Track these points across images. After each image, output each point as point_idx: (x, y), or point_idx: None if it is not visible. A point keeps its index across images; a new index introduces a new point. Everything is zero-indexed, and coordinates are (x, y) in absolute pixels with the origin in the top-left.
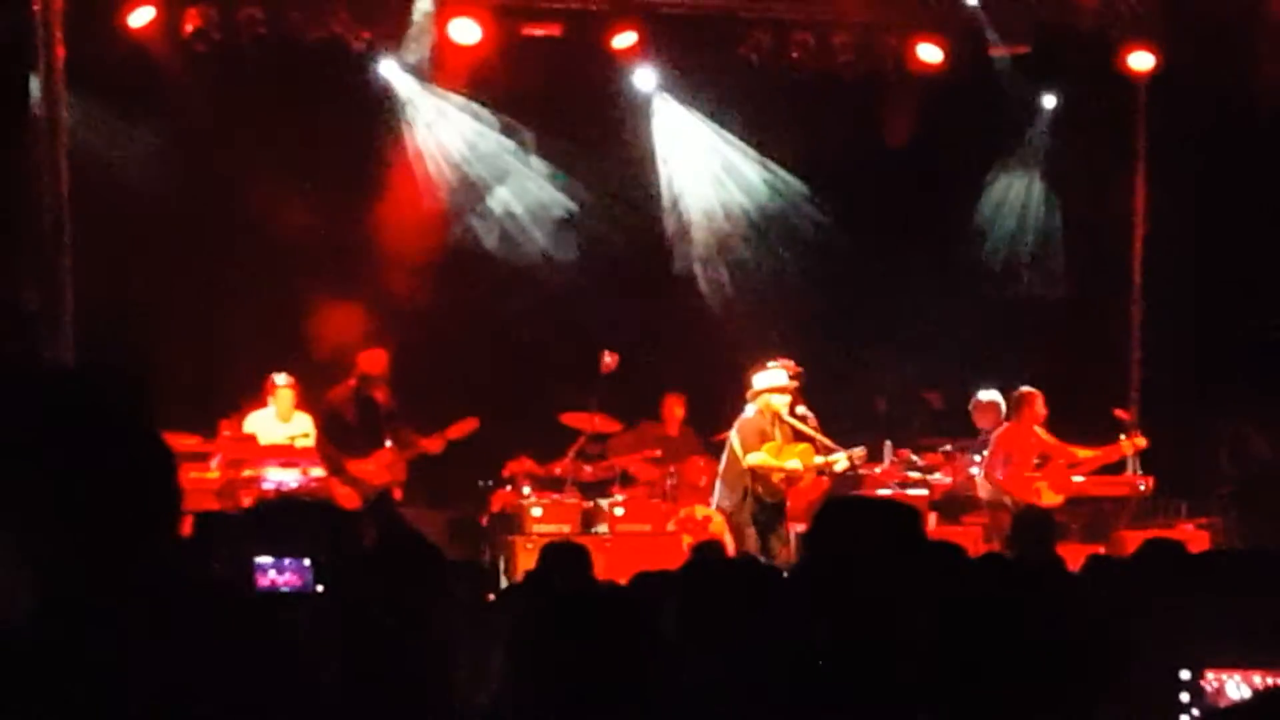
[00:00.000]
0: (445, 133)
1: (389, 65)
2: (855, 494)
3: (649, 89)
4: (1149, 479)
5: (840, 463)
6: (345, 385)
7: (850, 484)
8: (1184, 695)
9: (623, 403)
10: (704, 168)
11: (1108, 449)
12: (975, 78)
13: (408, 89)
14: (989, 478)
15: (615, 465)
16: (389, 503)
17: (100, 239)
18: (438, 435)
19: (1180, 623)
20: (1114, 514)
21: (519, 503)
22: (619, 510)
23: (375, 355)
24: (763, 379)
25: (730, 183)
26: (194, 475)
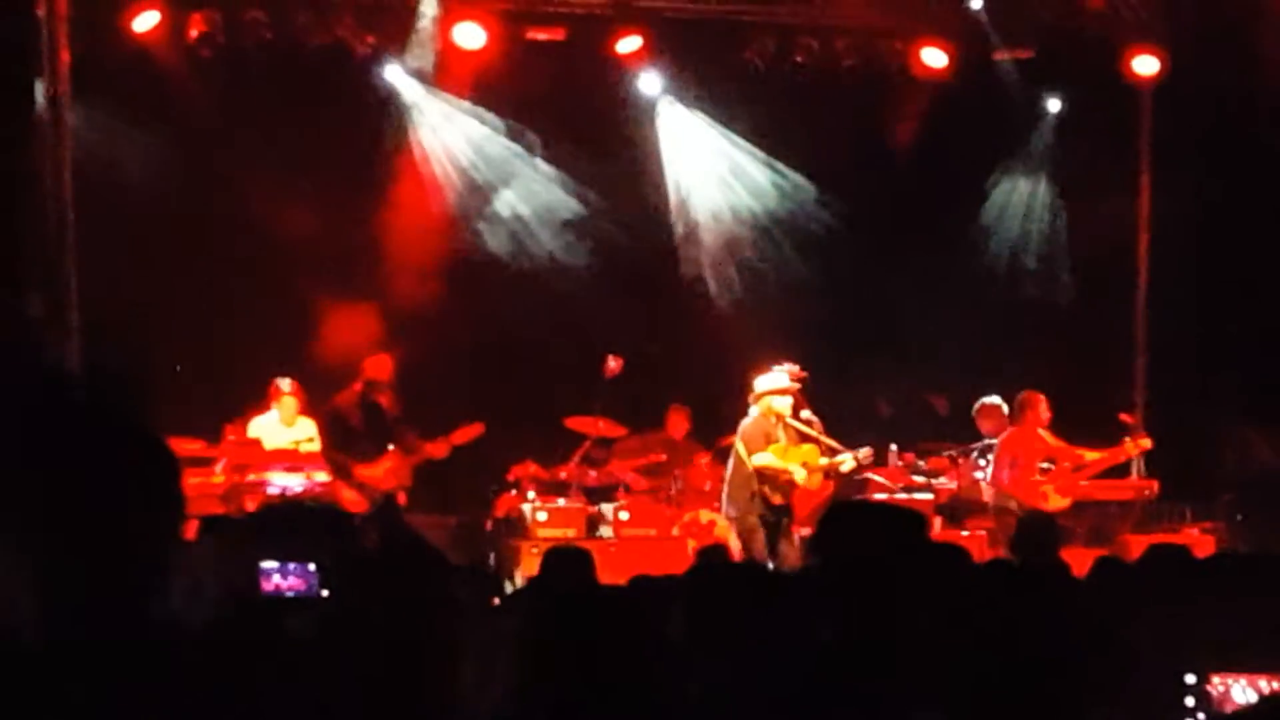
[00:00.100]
0: (450, 137)
1: (393, 70)
2: (860, 499)
3: (654, 93)
4: (1153, 483)
5: (846, 463)
6: (351, 390)
7: (855, 488)
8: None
9: (627, 407)
10: (710, 171)
11: (1113, 450)
12: (979, 82)
13: (412, 93)
14: (995, 482)
15: (620, 470)
16: (393, 507)
17: (105, 243)
18: (443, 440)
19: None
20: (1119, 518)
21: (523, 507)
22: (624, 515)
23: (381, 361)
24: (764, 381)
25: (735, 187)
26: (198, 480)
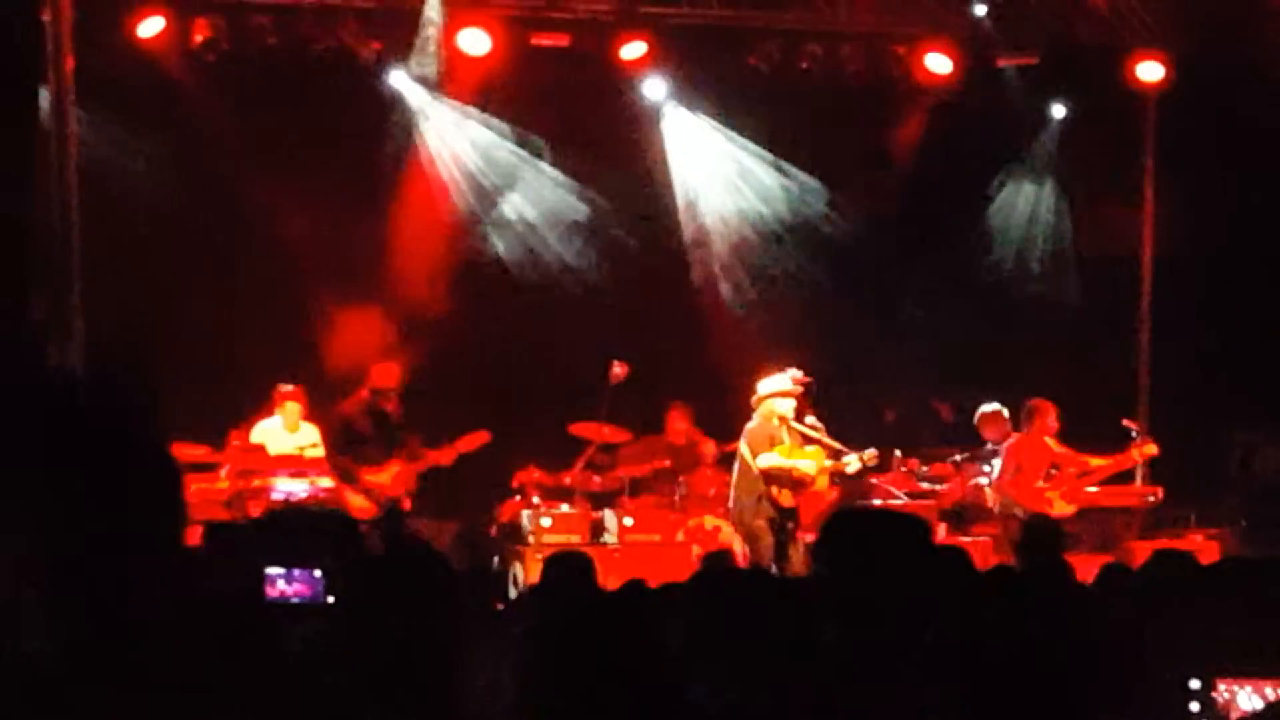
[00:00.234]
0: (455, 142)
1: (398, 76)
2: (864, 505)
3: (659, 98)
4: (1158, 489)
5: (852, 464)
6: (358, 397)
7: (860, 494)
8: (1194, 705)
9: (632, 413)
10: (716, 176)
11: (1119, 457)
12: (984, 88)
13: (417, 99)
14: (999, 487)
15: (624, 475)
16: (397, 513)
17: (109, 248)
18: (448, 447)
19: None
20: (1123, 525)
21: (527, 513)
22: (628, 520)
23: (388, 368)
24: (766, 384)
25: (743, 191)
26: (203, 486)
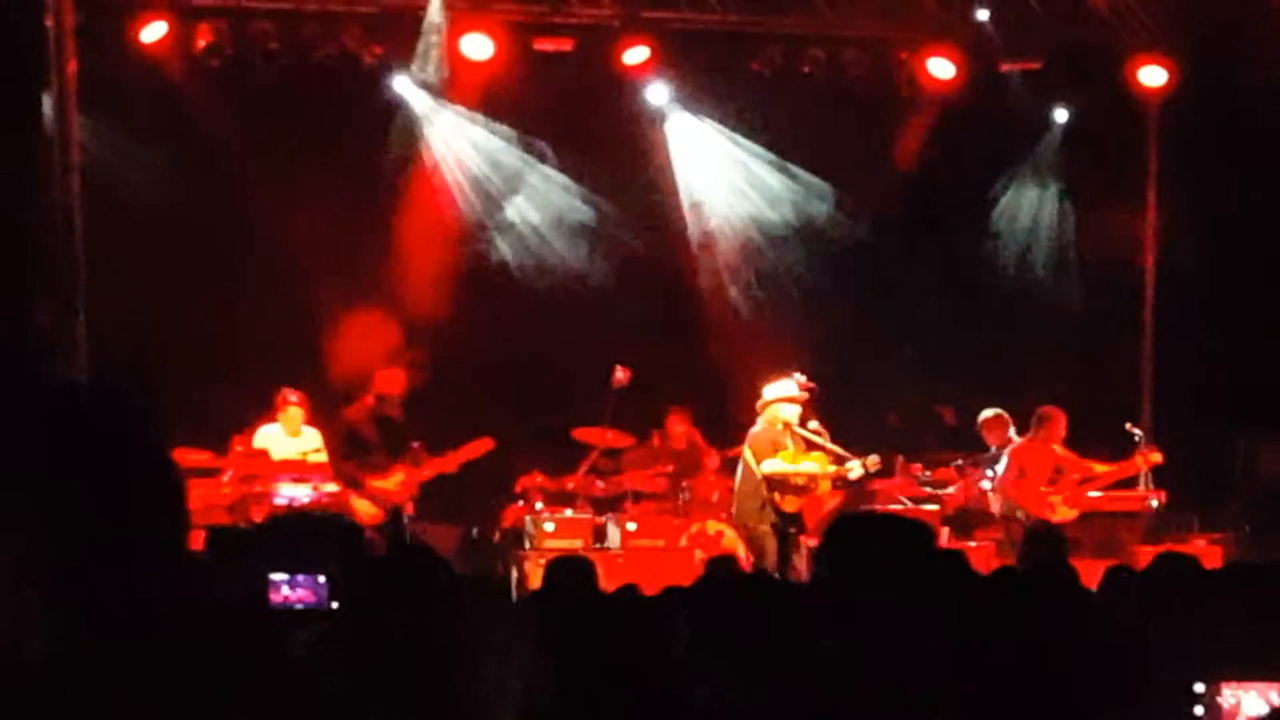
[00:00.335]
0: (459, 148)
1: (402, 81)
2: (867, 509)
3: (662, 103)
4: (1161, 494)
5: (855, 470)
6: (363, 404)
7: (863, 499)
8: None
9: (635, 418)
10: (720, 180)
11: (1123, 464)
12: (987, 93)
13: (420, 104)
14: (1002, 491)
15: (627, 480)
16: (399, 518)
17: (112, 254)
18: (451, 455)
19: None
20: (1126, 529)
21: (531, 518)
22: (631, 525)
23: (393, 374)
24: (772, 390)
25: (746, 195)
26: (206, 491)
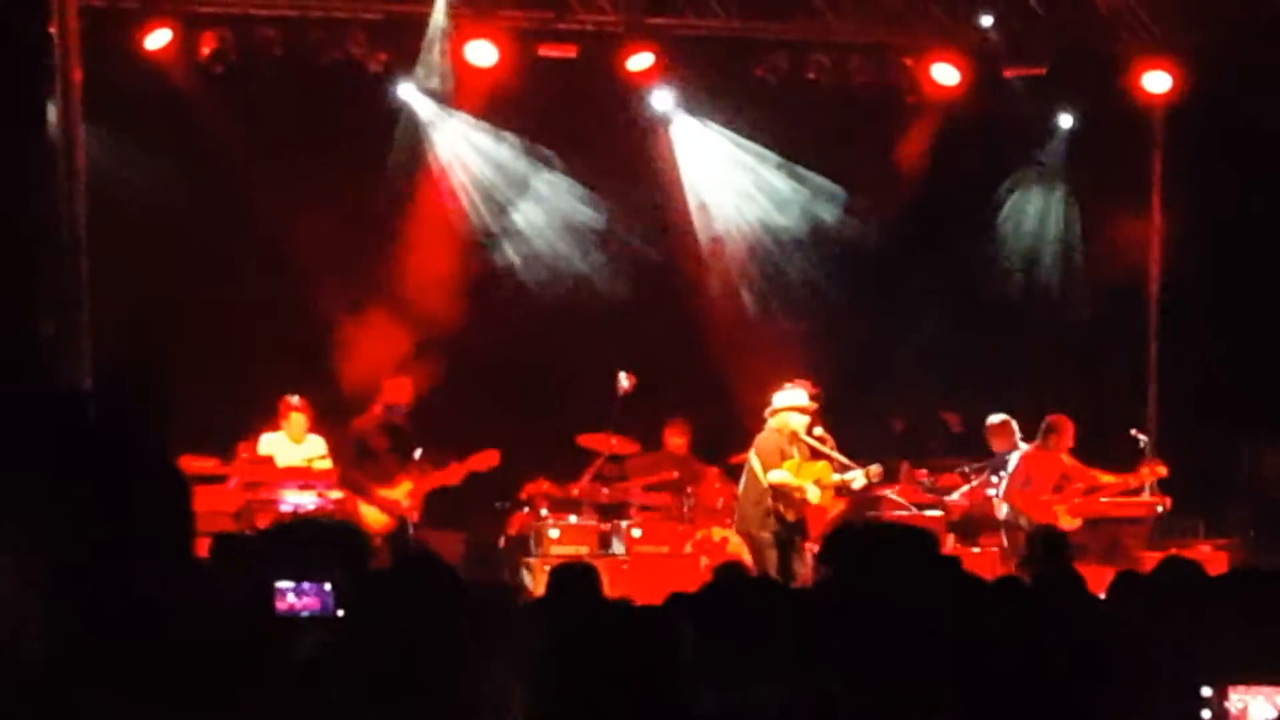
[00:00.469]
0: (463, 154)
1: (407, 88)
2: (871, 516)
3: (667, 109)
4: (1166, 499)
5: (857, 480)
6: (371, 413)
7: (868, 505)
8: (1205, 712)
9: (640, 424)
10: (726, 185)
11: (1128, 476)
12: (991, 99)
13: (426, 110)
14: (1007, 498)
15: (632, 487)
16: (404, 526)
17: (117, 262)
18: (457, 466)
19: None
20: (1132, 535)
21: (536, 524)
22: (636, 532)
23: (401, 383)
24: (782, 398)
25: (753, 200)
26: (211, 497)
